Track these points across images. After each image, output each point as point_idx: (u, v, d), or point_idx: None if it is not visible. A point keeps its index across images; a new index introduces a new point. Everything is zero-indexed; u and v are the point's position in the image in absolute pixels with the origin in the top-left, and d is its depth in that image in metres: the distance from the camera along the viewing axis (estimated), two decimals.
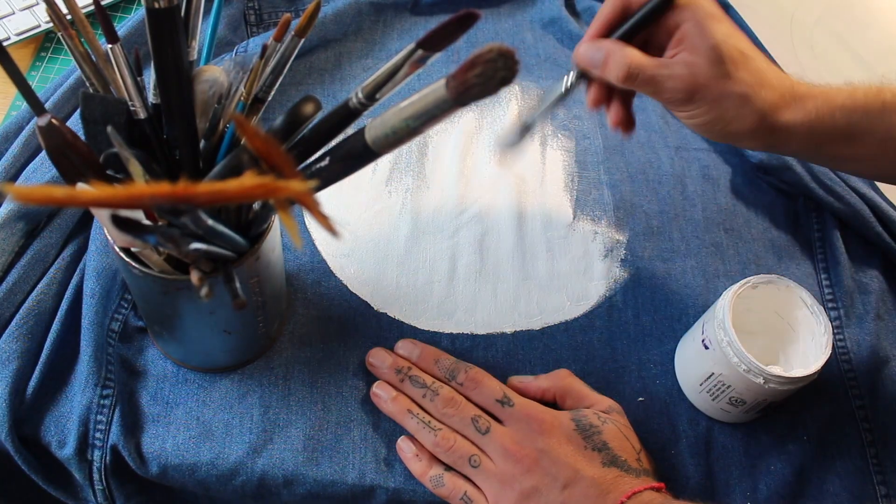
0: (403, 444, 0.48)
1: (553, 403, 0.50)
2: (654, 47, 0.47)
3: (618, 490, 0.44)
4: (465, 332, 0.54)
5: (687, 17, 0.45)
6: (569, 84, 0.49)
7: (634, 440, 0.48)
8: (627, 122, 0.50)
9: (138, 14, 0.64)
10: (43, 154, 0.54)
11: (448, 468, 0.47)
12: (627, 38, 0.47)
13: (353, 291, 0.54)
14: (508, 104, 0.64)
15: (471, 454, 0.46)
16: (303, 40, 0.39)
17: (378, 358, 0.51)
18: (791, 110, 0.46)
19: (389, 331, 0.53)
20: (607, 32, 0.48)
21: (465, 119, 0.63)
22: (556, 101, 0.50)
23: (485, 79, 0.28)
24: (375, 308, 0.54)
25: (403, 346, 0.51)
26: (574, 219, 0.59)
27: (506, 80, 0.29)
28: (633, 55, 0.45)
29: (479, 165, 0.61)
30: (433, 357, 0.50)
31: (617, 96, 0.50)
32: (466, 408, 0.47)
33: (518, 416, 0.47)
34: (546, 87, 0.51)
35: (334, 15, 0.65)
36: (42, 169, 0.53)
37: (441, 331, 0.53)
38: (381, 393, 0.49)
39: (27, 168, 0.53)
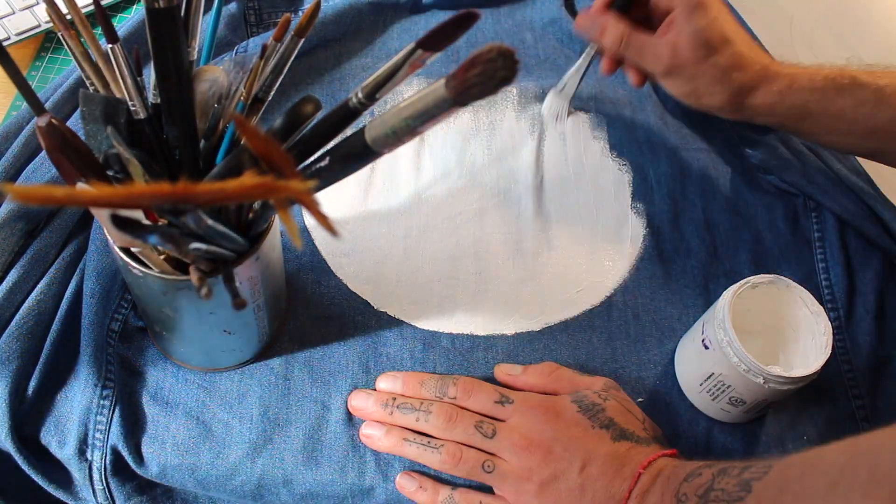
0: (403, 481, 0.47)
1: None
2: (653, 25, 0.56)
3: (633, 461, 0.44)
4: (466, 333, 0.53)
5: (678, 2, 0.53)
6: (590, 52, 0.60)
7: (637, 411, 0.48)
8: (641, 80, 0.58)
9: (138, 14, 0.64)
10: (43, 154, 0.54)
11: (455, 487, 0.47)
12: (625, 10, 0.56)
13: (353, 290, 0.54)
14: (505, 104, 0.64)
15: (483, 461, 0.46)
16: (303, 40, 0.39)
17: (360, 399, 0.49)
18: (758, 93, 0.54)
19: (389, 329, 0.53)
20: (608, 5, 0.56)
21: (463, 119, 0.63)
22: (582, 70, 0.61)
23: (485, 78, 0.28)
24: (375, 307, 0.54)
25: (384, 380, 0.50)
26: (574, 218, 0.59)
27: (506, 79, 0.29)
28: (625, 28, 0.54)
29: (477, 165, 0.61)
30: (417, 381, 0.49)
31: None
32: (466, 417, 0.47)
33: (521, 410, 0.47)
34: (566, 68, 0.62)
35: (334, 15, 0.65)
36: (42, 169, 0.53)
37: (441, 330, 0.53)
38: (372, 432, 0.48)
39: (27, 168, 0.53)
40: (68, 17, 0.38)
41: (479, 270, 0.56)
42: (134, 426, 0.48)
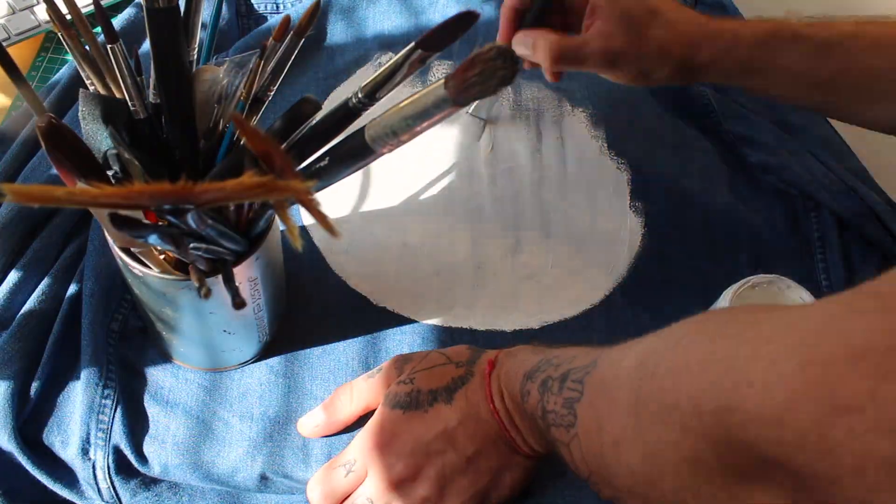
0: None
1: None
2: (573, 24, 0.54)
3: (473, 383, 0.44)
4: (465, 328, 0.54)
5: None
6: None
7: (433, 356, 0.46)
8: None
9: (130, 8, 0.63)
10: (41, 153, 0.54)
11: None
12: (540, 22, 0.53)
13: (353, 287, 0.54)
14: (501, 102, 0.64)
15: None
16: (303, 40, 0.39)
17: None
18: (702, 52, 0.52)
19: (388, 325, 0.53)
20: (518, 22, 0.54)
21: (459, 117, 0.63)
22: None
23: (484, 78, 0.29)
24: (374, 302, 0.54)
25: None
26: (572, 217, 0.59)
27: (505, 79, 0.29)
28: (555, 40, 0.51)
29: (474, 163, 0.61)
30: None
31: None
32: None
33: (366, 462, 0.44)
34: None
35: (324, 10, 0.66)
36: (40, 168, 0.53)
37: (440, 325, 0.53)
38: None
39: (26, 167, 0.53)
40: (68, 17, 0.38)
41: (478, 265, 0.56)
42: (135, 426, 0.48)
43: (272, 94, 0.41)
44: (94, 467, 0.47)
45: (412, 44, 0.33)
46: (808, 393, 0.24)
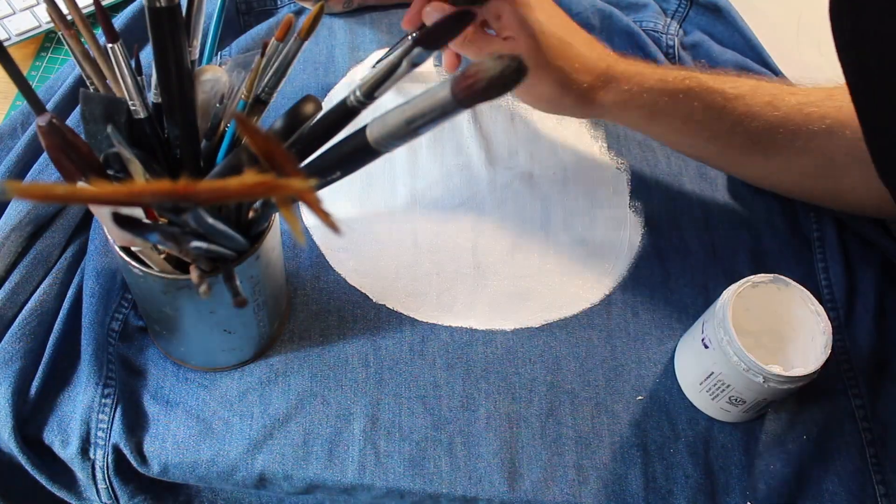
0: None
1: None
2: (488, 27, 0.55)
3: None
4: (465, 326, 0.54)
5: (505, 7, 0.52)
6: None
7: None
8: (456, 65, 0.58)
9: (131, 8, 0.63)
10: (46, 154, 0.54)
11: None
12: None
13: (352, 285, 0.54)
14: (500, 103, 0.64)
15: None
16: (305, 42, 0.39)
17: None
18: (605, 91, 0.53)
19: (388, 322, 0.53)
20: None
21: (459, 117, 0.63)
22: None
23: (488, 80, 0.28)
24: (374, 300, 0.54)
25: None
26: (573, 217, 0.59)
27: (510, 82, 0.29)
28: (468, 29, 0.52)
29: (474, 162, 0.61)
30: None
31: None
32: None
33: None
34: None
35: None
36: (48, 170, 0.53)
37: (440, 323, 0.53)
38: None
39: (33, 168, 0.53)
40: (68, 16, 0.38)
41: (478, 265, 0.56)
42: (135, 425, 0.48)
43: (276, 96, 0.41)
44: (93, 467, 0.47)
45: (410, 41, 0.32)
46: None
